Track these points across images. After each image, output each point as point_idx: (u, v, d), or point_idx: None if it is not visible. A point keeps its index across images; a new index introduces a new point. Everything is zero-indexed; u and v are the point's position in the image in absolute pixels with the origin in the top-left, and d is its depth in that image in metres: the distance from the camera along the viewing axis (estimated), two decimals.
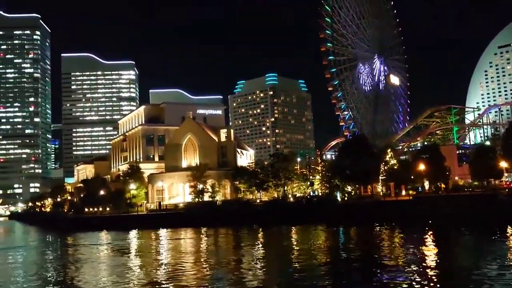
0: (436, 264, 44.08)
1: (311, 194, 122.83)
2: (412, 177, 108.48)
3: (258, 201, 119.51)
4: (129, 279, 43.39)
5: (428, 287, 34.25)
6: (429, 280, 36.48)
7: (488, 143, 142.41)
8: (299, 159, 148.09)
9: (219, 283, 40.13)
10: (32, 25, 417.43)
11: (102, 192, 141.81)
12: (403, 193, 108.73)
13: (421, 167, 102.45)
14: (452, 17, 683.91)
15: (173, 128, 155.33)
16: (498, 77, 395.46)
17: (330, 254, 54.93)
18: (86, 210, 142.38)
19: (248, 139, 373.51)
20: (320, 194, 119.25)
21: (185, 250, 65.53)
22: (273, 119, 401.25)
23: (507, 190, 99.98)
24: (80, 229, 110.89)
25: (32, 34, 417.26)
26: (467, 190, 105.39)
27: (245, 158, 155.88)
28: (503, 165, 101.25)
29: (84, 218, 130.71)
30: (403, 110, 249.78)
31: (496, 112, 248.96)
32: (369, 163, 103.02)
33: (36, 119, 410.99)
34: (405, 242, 61.37)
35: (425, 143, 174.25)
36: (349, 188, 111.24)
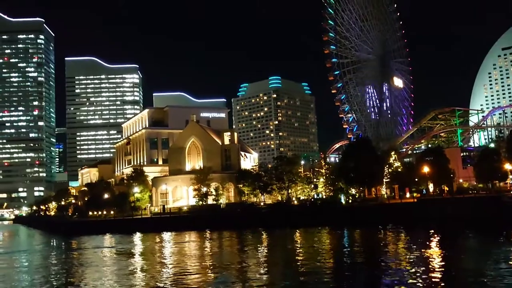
0: (441, 267, 43.86)
1: (315, 197, 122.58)
2: (416, 180, 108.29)
3: (262, 204, 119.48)
4: (134, 283, 43.39)
5: None
6: (434, 283, 36.33)
7: (492, 145, 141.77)
8: (303, 162, 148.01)
9: (223, 286, 40.03)
10: (36, 29, 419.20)
11: (106, 195, 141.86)
12: (408, 195, 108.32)
13: (425, 169, 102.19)
14: (453, 18, 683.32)
15: (176, 131, 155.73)
16: (502, 79, 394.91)
17: (334, 257, 54.77)
18: (90, 213, 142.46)
19: (251, 142, 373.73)
20: (324, 197, 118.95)
21: (189, 253, 65.43)
22: (276, 122, 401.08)
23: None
24: (84, 233, 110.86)
25: (36, 38, 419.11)
26: (471, 192, 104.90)
27: (249, 161, 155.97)
28: (508, 167, 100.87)
29: (88, 221, 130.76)
30: (407, 112, 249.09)
31: (500, 114, 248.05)
32: (373, 165, 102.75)
33: (40, 123, 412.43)
34: (410, 244, 61.13)
35: (429, 145, 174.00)
36: (353, 190, 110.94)
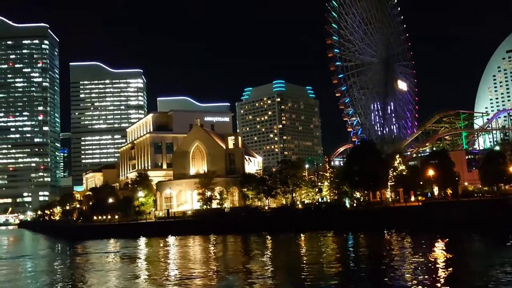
0: (447, 270, 43.65)
1: (320, 200, 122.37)
2: (421, 183, 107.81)
3: (266, 208, 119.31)
4: (139, 287, 43.31)
5: None
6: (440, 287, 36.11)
7: (497, 148, 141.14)
8: (307, 166, 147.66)
9: None
10: (40, 35, 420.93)
11: (110, 200, 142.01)
12: (412, 199, 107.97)
13: (430, 172, 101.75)
14: (454, 18, 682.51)
15: (181, 135, 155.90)
16: (506, 81, 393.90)
17: (339, 261, 54.60)
18: (94, 218, 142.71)
19: (255, 146, 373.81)
20: (328, 200, 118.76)
21: (193, 257, 65.39)
22: (280, 126, 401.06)
23: None
24: (89, 237, 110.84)
25: (40, 43, 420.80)
26: (477, 195, 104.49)
27: (253, 165, 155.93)
28: None
29: (92, 226, 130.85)
30: (411, 115, 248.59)
31: (505, 116, 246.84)
32: (378, 169, 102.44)
33: (45, 128, 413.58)
34: (415, 248, 60.85)
35: (434, 148, 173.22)
36: (357, 194, 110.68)
